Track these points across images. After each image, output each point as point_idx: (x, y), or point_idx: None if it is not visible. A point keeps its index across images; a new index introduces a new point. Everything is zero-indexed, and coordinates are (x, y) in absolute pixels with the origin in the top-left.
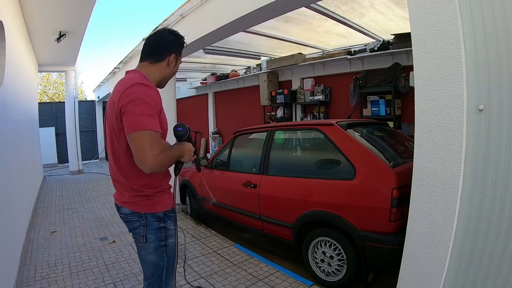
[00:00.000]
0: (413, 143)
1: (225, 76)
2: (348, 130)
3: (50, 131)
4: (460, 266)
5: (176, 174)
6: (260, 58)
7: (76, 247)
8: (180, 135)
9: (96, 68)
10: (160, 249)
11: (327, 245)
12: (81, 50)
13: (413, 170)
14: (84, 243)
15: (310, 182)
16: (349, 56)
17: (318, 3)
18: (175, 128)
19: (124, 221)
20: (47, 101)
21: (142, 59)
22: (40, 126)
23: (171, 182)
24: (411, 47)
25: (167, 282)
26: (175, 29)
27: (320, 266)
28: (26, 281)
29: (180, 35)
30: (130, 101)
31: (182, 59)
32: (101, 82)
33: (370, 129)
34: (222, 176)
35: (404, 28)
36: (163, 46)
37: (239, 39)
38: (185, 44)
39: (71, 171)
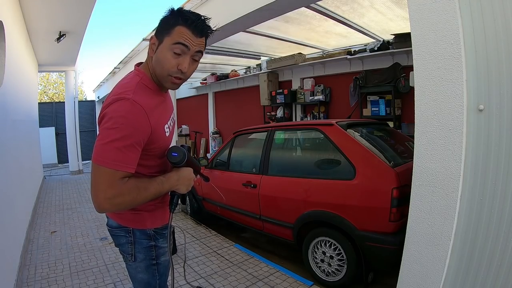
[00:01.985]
0: (413, 143)
1: (225, 76)
2: (348, 130)
3: (50, 131)
4: (460, 266)
5: (171, 210)
6: (260, 58)
7: (76, 247)
8: (176, 162)
9: (96, 67)
10: (152, 268)
11: (327, 245)
12: (81, 50)
13: (413, 170)
14: (84, 243)
15: (310, 182)
16: (349, 56)
17: (318, 3)
18: (168, 154)
19: (110, 234)
20: (47, 101)
21: None
22: (40, 126)
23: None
24: (411, 47)
25: None
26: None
27: (320, 266)
28: (26, 281)
29: (181, 10)
30: (103, 122)
31: None
32: (101, 82)
33: (370, 129)
34: (222, 176)
35: (404, 28)
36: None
37: (239, 39)
38: (177, 21)
39: (71, 171)
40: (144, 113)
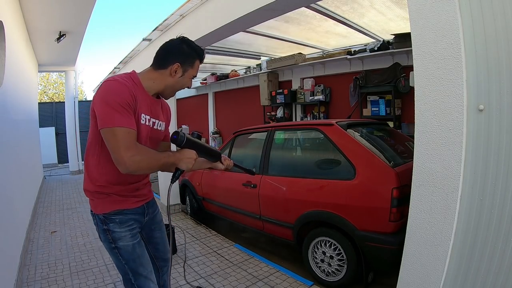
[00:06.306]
0: (413, 143)
1: (225, 76)
2: (348, 130)
3: (50, 131)
4: (460, 266)
5: (172, 181)
6: (260, 58)
7: (76, 247)
8: (177, 144)
9: (96, 64)
10: (113, 251)
11: (327, 245)
12: (81, 48)
13: (413, 170)
14: (84, 243)
15: (310, 182)
16: (349, 56)
17: (318, 3)
18: (171, 137)
19: None
20: (47, 101)
21: (151, 64)
22: (40, 126)
23: (164, 186)
24: (411, 47)
25: (140, 285)
26: (192, 40)
27: (320, 266)
28: (26, 281)
29: (196, 46)
30: (98, 96)
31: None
32: (101, 82)
33: (370, 129)
34: (222, 176)
35: (404, 28)
36: (168, 54)
37: (239, 39)
38: (197, 56)
39: (71, 171)
40: (129, 89)
